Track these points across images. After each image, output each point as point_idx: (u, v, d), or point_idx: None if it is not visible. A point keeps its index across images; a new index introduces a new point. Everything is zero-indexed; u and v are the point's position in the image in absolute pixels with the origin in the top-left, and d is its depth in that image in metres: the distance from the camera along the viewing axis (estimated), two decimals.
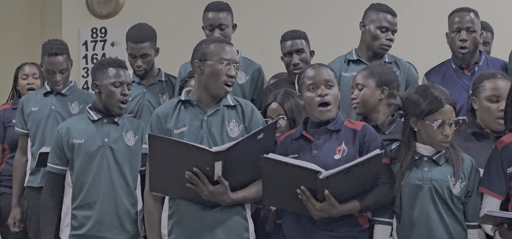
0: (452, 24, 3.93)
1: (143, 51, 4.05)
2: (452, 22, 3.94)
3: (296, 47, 4.10)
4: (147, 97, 4.09)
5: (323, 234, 2.94)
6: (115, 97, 3.46)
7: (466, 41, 3.86)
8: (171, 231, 3.05)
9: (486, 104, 3.14)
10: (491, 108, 3.12)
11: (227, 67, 3.03)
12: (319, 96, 2.97)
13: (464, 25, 3.88)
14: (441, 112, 2.90)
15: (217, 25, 4.04)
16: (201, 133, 3.05)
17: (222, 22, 4.05)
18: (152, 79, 4.15)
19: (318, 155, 2.95)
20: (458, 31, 3.89)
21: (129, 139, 3.50)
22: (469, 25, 3.88)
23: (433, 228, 2.89)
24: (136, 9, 6.09)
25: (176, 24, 5.70)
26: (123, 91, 3.47)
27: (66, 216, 3.47)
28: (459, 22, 3.89)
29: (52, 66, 4.02)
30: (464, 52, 3.87)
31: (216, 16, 4.05)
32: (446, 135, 2.90)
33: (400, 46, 4.18)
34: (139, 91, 4.09)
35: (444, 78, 3.82)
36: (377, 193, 2.94)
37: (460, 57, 3.90)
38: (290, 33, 4.17)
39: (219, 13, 4.06)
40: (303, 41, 4.14)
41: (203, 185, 2.90)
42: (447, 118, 2.90)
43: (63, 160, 3.48)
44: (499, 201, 2.90)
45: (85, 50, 6.22)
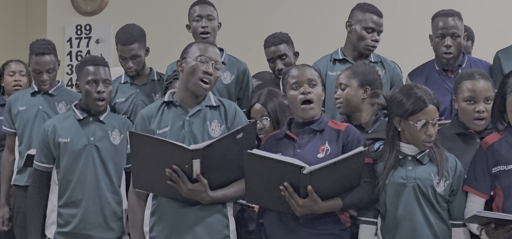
0: (436, 29, 3.91)
1: (133, 53, 4.05)
2: (436, 26, 3.92)
3: (278, 53, 4.10)
4: (140, 97, 4.09)
5: (305, 231, 2.95)
6: (91, 95, 3.46)
7: (450, 47, 3.86)
8: (152, 228, 3.07)
9: (463, 106, 3.15)
10: (468, 110, 3.14)
11: (204, 64, 3.05)
12: (302, 94, 2.99)
13: (448, 31, 3.87)
14: (425, 112, 2.91)
15: (206, 15, 4.08)
16: (183, 132, 3.07)
17: (209, 13, 4.09)
18: (144, 79, 4.15)
19: (302, 153, 2.96)
20: (442, 37, 3.88)
21: (115, 137, 3.50)
22: (454, 31, 3.87)
23: (417, 227, 2.90)
24: (121, 6, 6.08)
25: (162, 21, 5.70)
26: (98, 88, 3.46)
27: (51, 214, 3.47)
28: (443, 27, 3.88)
29: (39, 66, 4.02)
30: (449, 57, 3.88)
31: (204, 7, 4.10)
32: (429, 134, 2.91)
33: (386, 45, 4.18)
34: (132, 91, 4.10)
35: (427, 80, 3.81)
36: (360, 192, 2.96)
37: (445, 62, 3.90)
38: (272, 39, 4.17)
39: (207, 6, 4.11)
40: (285, 45, 4.14)
41: (183, 183, 2.91)
42: (430, 118, 2.91)
43: (49, 158, 3.49)
44: (483, 200, 2.92)
45: (69, 47, 6.22)
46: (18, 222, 4.05)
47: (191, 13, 4.14)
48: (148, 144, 2.95)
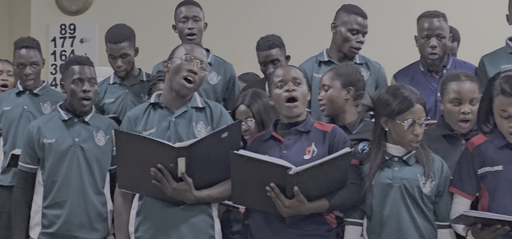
0: (422, 30, 3.92)
1: (123, 51, 4.07)
2: (421, 27, 3.93)
3: (271, 57, 4.09)
4: (130, 98, 4.10)
5: (291, 232, 2.95)
6: (76, 95, 3.46)
7: (435, 47, 3.87)
8: (137, 228, 3.08)
9: (449, 107, 3.16)
10: (453, 111, 3.14)
11: (189, 63, 3.07)
12: (286, 91, 3.00)
13: (434, 32, 3.87)
14: (412, 112, 2.92)
15: (192, 16, 4.09)
16: (168, 133, 3.08)
17: (196, 14, 4.09)
18: (133, 79, 4.17)
19: (288, 154, 2.97)
20: (427, 38, 3.88)
21: (100, 138, 3.49)
22: (439, 32, 3.87)
23: (403, 227, 2.91)
24: (106, 5, 6.08)
25: (148, 21, 5.68)
26: (83, 87, 3.45)
27: (36, 215, 3.46)
28: (428, 28, 3.88)
29: (22, 59, 4.04)
30: (434, 58, 3.88)
31: (190, 8, 4.11)
32: (416, 134, 2.92)
33: (371, 47, 4.20)
34: (121, 92, 4.12)
35: (412, 81, 3.80)
36: (346, 193, 2.96)
37: (430, 63, 3.91)
38: (265, 42, 4.17)
39: (193, 7, 4.12)
40: (278, 50, 4.14)
41: (167, 182, 2.92)
42: (417, 117, 2.92)
43: (34, 158, 3.48)
44: (469, 201, 2.93)
45: (53, 46, 6.22)
46: (2, 222, 4.03)
47: (177, 14, 4.15)
48: (134, 143, 2.96)
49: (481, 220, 2.77)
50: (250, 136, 3.32)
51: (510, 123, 2.83)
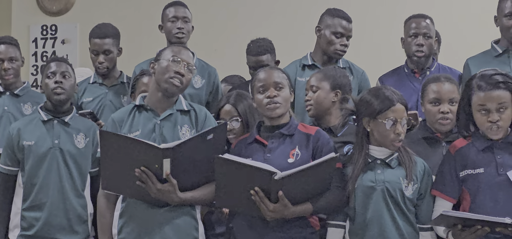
0: (409, 29, 4.00)
1: (106, 47, 4.13)
2: (408, 27, 4.01)
3: (261, 63, 4.12)
4: (109, 98, 4.13)
5: (275, 235, 2.95)
6: (48, 87, 3.47)
7: (422, 46, 3.95)
8: (121, 230, 3.07)
9: (429, 107, 3.22)
10: (433, 111, 3.20)
11: (175, 64, 3.09)
12: (268, 98, 3.01)
13: (421, 30, 3.96)
14: (393, 111, 2.95)
15: (182, 17, 4.10)
16: (153, 136, 3.08)
17: (185, 15, 4.12)
18: (114, 80, 4.21)
19: (272, 158, 2.98)
20: (415, 36, 3.97)
21: (80, 141, 3.48)
22: (426, 31, 3.96)
23: (386, 229, 2.92)
24: (87, 6, 6.06)
25: (129, 22, 5.64)
26: (55, 79, 3.46)
27: (15, 217, 3.45)
28: (416, 27, 3.97)
29: (0, 55, 4.04)
30: (420, 56, 3.96)
31: (180, 9, 4.13)
32: (398, 133, 2.94)
33: (354, 51, 4.22)
34: (101, 91, 4.15)
35: (396, 81, 3.88)
36: (330, 197, 2.97)
37: (415, 61, 3.98)
38: (256, 48, 4.21)
39: (183, 8, 4.15)
40: (268, 56, 4.20)
41: (152, 183, 2.92)
42: (398, 117, 2.95)
43: (14, 161, 3.47)
44: (451, 204, 2.95)
45: (35, 47, 6.19)
46: None
47: (166, 14, 4.15)
48: (119, 143, 2.95)
49: (461, 221, 2.78)
50: (235, 136, 3.34)
51: (489, 117, 2.86)
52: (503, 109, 2.86)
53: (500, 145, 2.91)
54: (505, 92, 2.86)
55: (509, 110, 2.87)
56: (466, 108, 2.95)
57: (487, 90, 2.85)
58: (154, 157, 2.89)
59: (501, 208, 2.81)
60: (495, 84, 2.86)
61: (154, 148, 2.89)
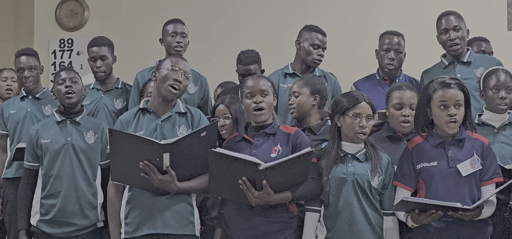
0: (383, 44, 4.03)
1: (102, 53, 4.13)
2: (383, 42, 4.05)
3: (249, 71, 4.12)
4: (103, 101, 4.12)
5: (259, 219, 2.97)
6: (60, 92, 3.49)
7: (393, 59, 3.98)
8: (127, 215, 3.07)
9: (392, 111, 3.24)
10: (396, 114, 3.23)
11: (174, 73, 3.09)
12: (254, 103, 3.02)
13: (393, 46, 4.00)
14: (359, 107, 2.97)
15: (180, 32, 4.11)
16: (155, 135, 3.08)
17: (183, 31, 4.12)
18: (110, 85, 4.20)
19: (257, 153, 2.98)
20: (387, 51, 4.00)
21: (89, 137, 3.48)
22: (397, 47, 4.00)
23: (355, 215, 2.93)
24: (99, 22, 6.05)
25: (134, 37, 5.66)
26: (66, 84, 3.48)
27: (35, 205, 3.44)
28: (389, 43, 4.01)
29: (21, 64, 4.09)
30: (391, 68, 3.99)
31: (179, 26, 4.14)
32: (362, 126, 2.95)
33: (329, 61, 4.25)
34: (97, 95, 4.14)
35: (369, 87, 3.92)
36: (307, 186, 2.98)
37: (387, 72, 4.01)
38: (245, 58, 4.20)
39: (181, 25, 4.16)
40: (256, 65, 4.18)
41: (154, 174, 2.93)
42: (363, 113, 2.97)
43: (34, 157, 3.48)
44: (409, 193, 2.96)
45: (53, 58, 6.16)
46: (7, 210, 4.03)
47: (167, 29, 4.15)
48: (126, 140, 2.96)
49: (418, 206, 2.81)
50: (227, 131, 3.36)
51: (448, 112, 2.88)
52: (458, 106, 2.90)
53: (450, 142, 2.93)
54: (459, 92, 2.91)
55: (462, 108, 2.91)
56: (423, 110, 2.97)
57: (446, 88, 2.90)
58: (156, 152, 2.90)
59: (452, 195, 2.84)
60: (452, 84, 2.91)
61: (155, 144, 2.91)
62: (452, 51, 3.88)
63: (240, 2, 5.99)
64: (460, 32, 3.86)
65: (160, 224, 3.01)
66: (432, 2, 5.49)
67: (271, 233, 2.97)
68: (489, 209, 2.89)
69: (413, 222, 2.87)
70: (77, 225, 3.37)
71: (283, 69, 4.05)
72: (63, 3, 6.17)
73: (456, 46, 3.86)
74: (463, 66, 3.87)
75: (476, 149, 2.92)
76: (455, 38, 3.85)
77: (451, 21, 3.87)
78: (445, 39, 3.88)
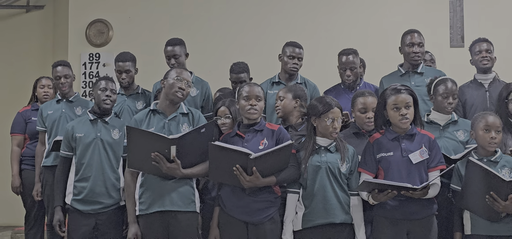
0: (340, 63, 3.99)
1: (126, 68, 4.09)
2: (340, 61, 3.99)
3: (240, 79, 4.12)
4: (127, 103, 4.09)
5: (250, 199, 2.99)
6: (100, 98, 3.47)
7: (350, 76, 3.94)
8: (141, 196, 3.09)
9: (358, 114, 3.23)
10: (361, 117, 3.22)
11: (179, 82, 3.11)
12: (250, 105, 3.03)
13: (348, 65, 3.94)
14: (332, 112, 2.97)
15: (172, 55, 4.01)
16: (163, 131, 3.09)
17: (176, 53, 4.01)
18: (132, 91, 4.16)
19: (248, 146, 2.99)
20: (344, 69, 3.95)
21: (115, 134, 3.47)
22: (352, 66, 3.94)
23: (327, 196, 2.95)
24: (121, 41, 6.02)
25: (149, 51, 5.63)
26: (106, 93, 3.47)
27: (69, 187, 3.43)
28: (344, 62, 3.96)
29: (58, 73, 4.09)
30: (349, 82, 3.95)
31: (172, 50, 4.02)
32: (335, 127, 2.97)
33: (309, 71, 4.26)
34: (121, 99, 4.11)
35: (336, 94, 3.87)
36: (288, 172, 3.00)
37: (347, 85, 3.98)
38: (237, 68, 4.18)
39: (175, 47, 4.03)
40: (245, 74, 4.17)
41: (163, 163, 2.94)
42: (335, 116, 2.98)
43: (69, 148, 3.46)
44: (371, 177, 2.97)
45: (84, 69, 6.12)
46: (46, 192, 4.02)
47: (165, 50, 4.09)
48: (140, 135, 2.97)
49: (378, 186, 2.83)
50: (226, 128, 3.35)
51: (400, 112, 2.90)
52: (408, 107, 2.91)
53: (404, 136, 2.95)
54: (408, 96, 2.92)
55: (412, 108, 2.92)
56: (381, 112, 2.99)
57: (398, 94, 2.91)
58: (164, 145, 2.92)
59: (405, 179, 2.86)
60: (402, 90, 2.93)
61: (164, 139, 2.92)
62: (413, 62, 3.84)
63: (236, 27, 5.99)
64: (422, 48, 3.86)
65: (168, 203, 3.02)
66: (386, 22, 5.56)
67: (259, 210, 2.98)
68: (434, 189, 2.91)
69: (374, 200, 2.89)
70: (104, 203, 3.36)
71: (271, 79, 4.06)
72: (92, 24, 6.15)
73: (418, 59, 3.84)
74: (417, 75, 3.85)
75: (425, 142, 2.94)
76: (418, 52, 3.83)
77: (416, 38, 3.84)
78: (410, 51, 3.83)
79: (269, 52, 4.27)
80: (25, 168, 4.34)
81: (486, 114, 3.03)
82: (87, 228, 3.36)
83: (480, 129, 2.99)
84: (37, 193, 4.10)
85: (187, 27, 5.90)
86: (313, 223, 2.93)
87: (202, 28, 5.98)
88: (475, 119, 3.06)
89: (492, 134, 2.96)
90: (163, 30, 5.94)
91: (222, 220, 3.06)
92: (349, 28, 5.82)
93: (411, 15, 5.69)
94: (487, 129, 2.97)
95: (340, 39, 5.19)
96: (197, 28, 5.95)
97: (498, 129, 2.98)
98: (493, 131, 2.97)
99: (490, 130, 2.97)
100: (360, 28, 5.82)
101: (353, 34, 5.63)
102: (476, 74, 3.97)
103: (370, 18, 5.87)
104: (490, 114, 3.04)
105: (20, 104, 4.73)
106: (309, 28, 5.85)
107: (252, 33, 5.96)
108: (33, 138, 4.33)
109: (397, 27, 4.10)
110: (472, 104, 3.78)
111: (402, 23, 4.45)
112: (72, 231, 3.38)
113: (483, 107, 3.69)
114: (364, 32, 5.75)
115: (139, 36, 5.99)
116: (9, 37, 6.70)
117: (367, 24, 5.85)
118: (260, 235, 2.97)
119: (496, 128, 2.98)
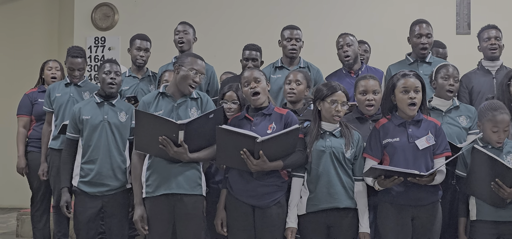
0: (338, 43, 4.00)
1: (147, 46, 4.21)
2: (338, 42, 4.01)
3: (251, 56, 4.08)
4: (140, 86, 4.11)
5: (257, 183, 2.94)
6: (105, 81, 3.43)
7: (349, 56, 3.93)
8: (148, 179, 3.04)
9: (359, 97, 3.17)
10: (361, 99, 3.15)
11: (194, 75, 3.05)
12: (251, 89, 2.99)
13: (345, 42, 3.95)
14: (335, 95, 2.93)
15: (183, 30, 4.13)
16: (172, 115, 3.03)
17: (185, 29, 4.14)
18: (143, 73, 4.20)
19: (256, 130, 2.95)
20: (342, 48, 3.95)
21: (122, 117, 3.42)
22: (349, 42, 3.94)
23: (331, 180, 2.91)
24: (127, 24, 6.03)
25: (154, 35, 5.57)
26: (111, 76, 3.43)
27: (76, 168, 3.40)
28: (342, 41, 3.97)
29: (73, 65, 4.04)
30: (348, 60, 3.94)
31: (183, 25, 4.14)
32: (338, 110, 2.92)
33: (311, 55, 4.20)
34: (134, 82, 4.13)
35: (338, 79, 3.83)
36: (295, 156, 2.95)
37: (346, 65, 3.95)
38: (250, 45, 4.15)
39: (183, 25, 4.15)
40: (258, 53, 4.13)
41: (170, 147, 2.91)
42: (339, 99, 2.93)
43: (76, 130, 3.42)
44: (376, 163, 2.92)
45: (89, 52, 6.16)
46: (53, 173, 4.00)
47: (176, 32, 4.16)
48: (148, 119, 2.93)
49: (384, 172, 2.79)
50: (233, 113, 3.29)
51: (409, 95, 2.86)
52: (417, 91, 2.87)
53: (410, 122, 2.91)
54: (418, 81, 2.89)
55: (420, 94, 2.88)
56: (388, 97, 2.94)
57: (408, 77, 2.88)
58: (173, 129, 2.87)
59: (411, 165, 2.82)
60: (411, 75, 2.90)
61: (172, 123, 2.87)
62: (421, 52, 3.82)
63: (241, 11, 5.97)
64: (430, 39, 3.82)
65: (174, 185, 2.98)
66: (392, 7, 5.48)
67: (267, 194, 2.94)
68: (440, 176, 2.87)
69: (379, 185, 2.85)
70: (110, 185, 3.33)
71: (274, 63, 4.00)
72: (98, 8, 6.14)
73: (425, 50, 3.81)
74: (425, 65, 3.82)
75: (431, 128, 2.90)
76: (426, 43, 3.80)
77: (424, 29, 3.81)
78: (418, 42, 3.81)
79: (274, 36, 4.21)
80: (32, 150, 4.29)
81: (495, 113, 2.93)
82: (93, 210, 3.33)
83: (489, 128, 2.93)
84: (43, 173, 4.06)
85: (191, 10, 5.86)
86: (317, 208, 2.90)
87: (207, 12, 5.94)
88: (482, 112, 2.99)
89: (501, 134, 2.91)
90: (168, 14, 5.90)
91: (229, 203, 3.03)
92: (355, 15, 5.74)
93: (417, 1, 5.59)
94: (496, 131, 2.91)
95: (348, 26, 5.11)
96: (202, 11, 5.91)
97: (506, 128, 2.92)
98: (501, 131, 2.91)
99: (499, 130, 2.91)
100: (367, 14, 5.74)
101: (361, 20, 5.57)
102: (483, 60, 3.92)
103: (377, 3, 5.79)
104: (499, 111, 2.93)
105: (25, 87, 4.68)
106: (314, 14, 5.78)
107: (257, 18, 5.91)
108: (40, 120, 4.28)
109: (403, 12, 4.02)
110: (479, 91, 3.74)
111: (408, 8, 4.36)
112: (78, 213, 3.35)
113: None
114: (369, 19, 5.68)
115: (144, 20, 5.96)
116: (15, 20, 6.66)
117: (373, 11, 5.77)
118: (266, 219, 2.94)
119: (504, 126, 2.91)
